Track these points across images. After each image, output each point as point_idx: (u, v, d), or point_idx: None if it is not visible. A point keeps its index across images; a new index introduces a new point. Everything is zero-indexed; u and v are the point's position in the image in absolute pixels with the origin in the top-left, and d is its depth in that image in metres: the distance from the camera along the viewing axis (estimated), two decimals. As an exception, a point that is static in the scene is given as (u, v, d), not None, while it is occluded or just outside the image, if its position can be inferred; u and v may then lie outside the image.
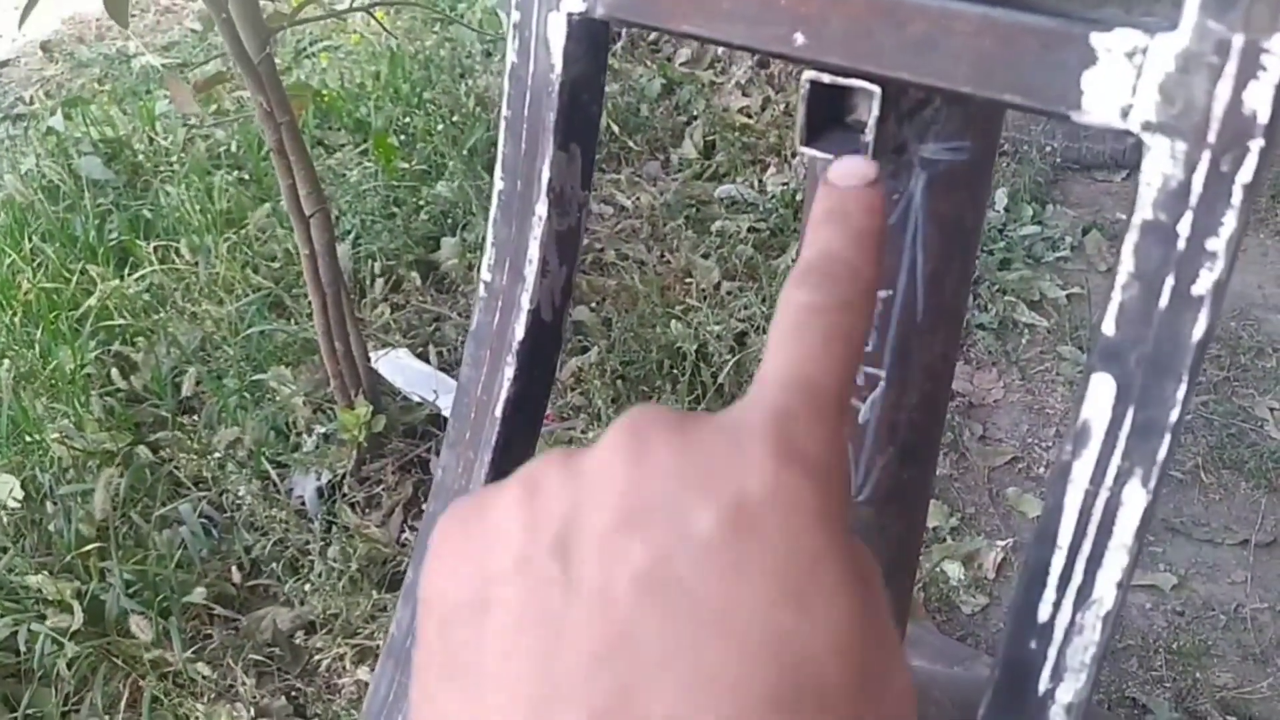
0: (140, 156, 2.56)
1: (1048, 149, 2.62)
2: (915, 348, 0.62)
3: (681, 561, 0.24)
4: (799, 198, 2.57)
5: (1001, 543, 1.74)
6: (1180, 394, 0.46)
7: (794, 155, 2.74)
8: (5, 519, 1.64)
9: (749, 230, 2.44)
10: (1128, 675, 1.55)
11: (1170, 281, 0.46)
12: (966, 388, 2.10)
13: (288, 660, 1.56)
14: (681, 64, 3.17)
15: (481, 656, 0.26)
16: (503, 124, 0.62)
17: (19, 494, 1.62)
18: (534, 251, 0.63)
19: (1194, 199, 0.44)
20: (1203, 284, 0.45)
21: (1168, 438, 0.46)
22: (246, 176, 2.52)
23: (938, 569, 1.69)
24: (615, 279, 2.30)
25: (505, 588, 0.26)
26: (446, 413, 1.91)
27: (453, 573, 0.28)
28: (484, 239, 2.04)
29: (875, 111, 0.53)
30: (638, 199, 2.63)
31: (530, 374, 0.64)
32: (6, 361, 1.85)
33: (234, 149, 2.57)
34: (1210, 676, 1.54)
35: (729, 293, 2.24)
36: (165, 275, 2.16)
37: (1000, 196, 2.56)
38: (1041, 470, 1.92)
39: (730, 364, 2.01)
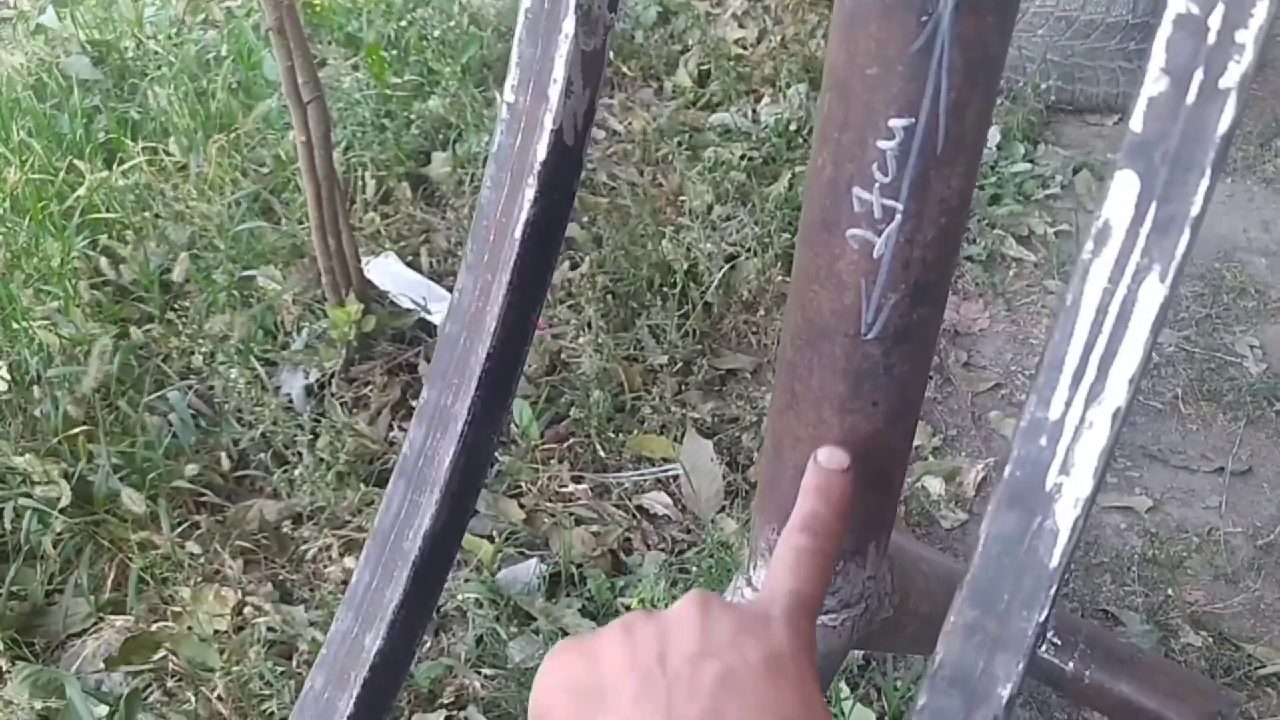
0: (129, 58, 2.52)
1: (1042, 89, 2.62)
2: (933, 180, 0.62)
3: (744, 675, 0.44)
4: (793, 128, 2.57)
5: (982, 462, 1.77)
6: (1203, 187, 0.47)
7: (788, 86, 2.73)
8: (-9, 403, 1.63)
9: (742, 157, 2.43)
10: (1100, 589, 1.58)
11: (1199, 75, 0.46)
12: (953, 316, 2.11)
13: (274, 549, 1.57)
14: (678, -7, 3.15)
15: None
16: (532, -60, 0.62)
17: (5, 376, 1.61)
18: (559, 71, 0.63)
19: (1227, -9, 0.45)
20: (1231, 76, 0.46)
21: (1188, 232, 0.47)
22: (235, 84, 2.49)
23: (919, 484, 1.71)
24: (607, 198, 2.30)
25: (621, 680, 0.44)
26: (435, 319, 1.91)
27: (572, 672, 0.45)
28: (475, 153, 2.02)
29: (911, -80, 0.53)
30: (630, 124, 2.62)
31: (551, 197, 0.65)
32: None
33: (224, 53, 2.54)
34: (1182, 593, 1.58)
35: (720, 215, 2.24)
36: (153, 175, 2.14)
37: (993, 134, 2.56)
38: (1023, 397, 1.94)
39: (720, 283, 2.01)
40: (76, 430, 1.58)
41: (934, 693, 0.53)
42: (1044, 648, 1.39)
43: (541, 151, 0.63)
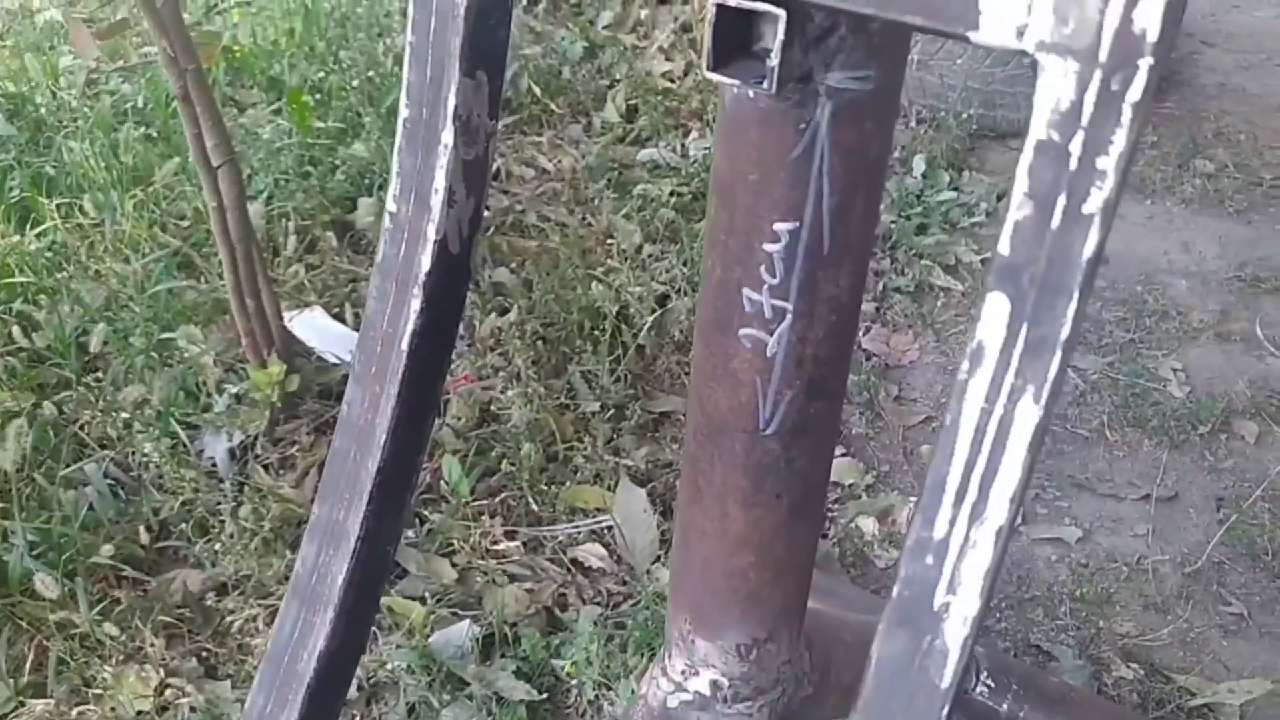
0: (43, 111, 2.47)
1: (965, 116, 2.66)
2: (821, 280, 0.62)
3: None
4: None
5: (915, 499, 1.77)
6: (1071, 311, 0.47)
7: (715, 119, 2.74)
8: (-101, 481, 1.58)
9: (671, 194, 2.43)
10: (1033, 624, 1.59)
11: (1062, 200, 0.46)
12: (882, 349, 2.13)
13: (199, 622, 1.53)
14: (604, 27, 3.15)
15: None
16: (408, 50, 0.61)
17: (-87, 454, 1.56)
18: (440, 181, 0.62)
19: (1085, 118, 0.45)
20: (1094, 202, 0.46)
21: (1059, 354, 0.47)
22: (154, 134, 2.44)
23: (852, 524, 1.71)
24: (536, 241, 2.29)
25: None
26: (363, 373, 1.88)
27: None
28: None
29: (780, 36, 0.53)
30: (559, 162, 2.62)
31: (438, 307, 0.64)
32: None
33: (140, 104, 2.49)
34: (1113, 625, 1.59)
35: (650, 255, 2.24)
36: (69, 233, 2.10)
37: (918, 163, 2.59)
38: (954, 429, 1.95)
39: (651, 325, 2.01)
40: (-11, 508, 1.54)
41: (832, 817, 0.52)
42: (978, 690, 1.39)
43: (426, 262, 0.62)
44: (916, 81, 2.72)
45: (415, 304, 0.63)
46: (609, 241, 2.28)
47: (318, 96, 2.58)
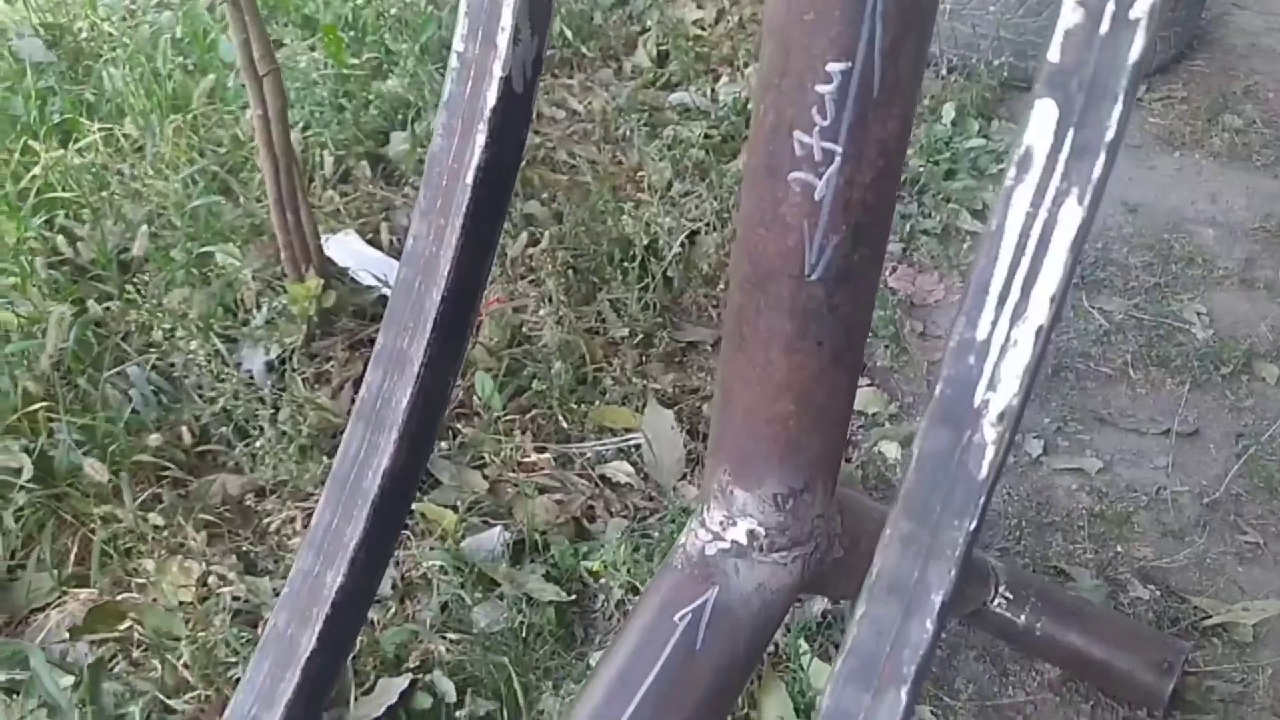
0: (82, 40, 2.50)
1: (996, 64, 2.66)
2: (871, 122, 0.65)
3: None
4: (751, 106, 2.59)
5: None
6: (1116, 115, 0.50)
7: (746, 66, 2.75)
8: (-52, 382, 1.62)
9: (702, 135, 2.45)
10: (1051, 547, 1.62)
11: (1111, 6, 0.49)
12: (909, 289, 2.15)
13: (238, 522, 1.57)
14: (636, -26, 3.16)
15: None
16: (479, -110, 0.63)
17: (-37, 354, 1.60)
18: (507, 19, 0.65)
19: (1136, -75, 0.48)
20: (1140, 7, 0.48)
21: (1103, 157, 0.50)
22: (191, 65, 2.48)
23: (876, 449, 1.74)
24: (567, 176, 2.31)
25: None
26: (397, 296, 1.91)
27: None
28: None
29: None
30: (590, 104, 2.63)
31: (501, 143, 0.66)
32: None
33: (178, 35, 2.52)
34: (1131, 550, 1.62)
35: (680, 192, 2.26)
36: (110, 155, 2.13)
37: (948, 110, 2.60)
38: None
39: (680, 257, 2.04)
40: (36, 406, 1.58)
41: (873, 601, 0.55)
42: (996, 602, 1.42)
43: (491, 98, 0.65)
44: (948, 31, 2.73)
45: (480, 139, 0.66)
46: (639, 176, 2.30)
47: (351, 33, 2.61)
